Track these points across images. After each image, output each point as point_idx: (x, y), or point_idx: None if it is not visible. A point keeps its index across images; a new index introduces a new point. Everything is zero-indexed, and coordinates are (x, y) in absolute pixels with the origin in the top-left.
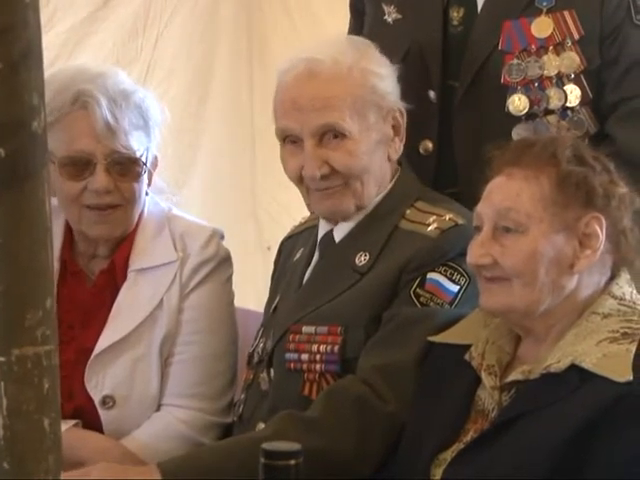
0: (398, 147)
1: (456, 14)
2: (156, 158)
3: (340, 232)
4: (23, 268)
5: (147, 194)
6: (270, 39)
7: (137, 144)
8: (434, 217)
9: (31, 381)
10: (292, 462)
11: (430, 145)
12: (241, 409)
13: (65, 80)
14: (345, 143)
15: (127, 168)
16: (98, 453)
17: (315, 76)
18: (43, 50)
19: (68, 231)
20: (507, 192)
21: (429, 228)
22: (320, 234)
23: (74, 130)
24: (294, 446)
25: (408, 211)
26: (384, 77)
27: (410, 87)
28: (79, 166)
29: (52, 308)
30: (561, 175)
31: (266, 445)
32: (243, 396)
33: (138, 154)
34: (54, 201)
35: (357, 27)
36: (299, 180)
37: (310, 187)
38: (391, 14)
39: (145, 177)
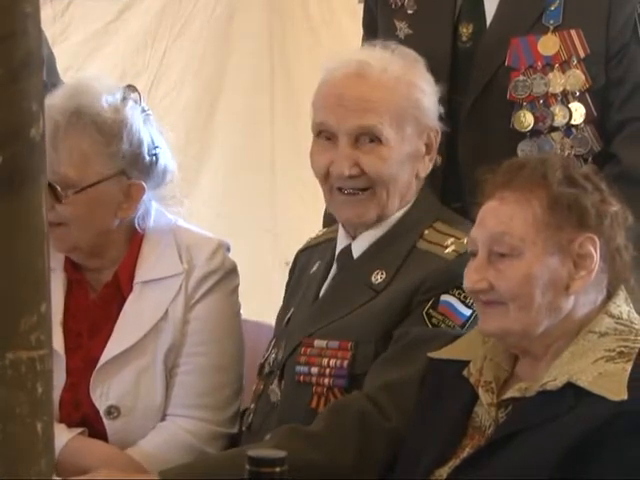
0: (427, 166)
1: (465, 30)
2: (139, 187)
3: (358, 248)
4: (19, 273)
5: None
6: (289, 56)
7: (77, 168)
8: (452, 239)
9: (24, 385)
10: (277, 469)
11: (439, 159)
12: (250, 419)
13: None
14: (379, 149)
15: (59, 193)
16: (103, 461)
17: (364, 78)
18: (56, 60)
19: None
20: (500, 217)
21: (446, 250)
22: (338, 248)
23: None
24: (279, 453)
25: (426, 231)
26: (427, 94)
27: None
28: None
29: (47, 313)
30: (552, 197)
31: (251, 452)
32: (253, 406)
33: (73, 178)
34: None
35: None
36: (325, 177)
37: (334, 186)
38: (402, 30)
39: (80, 200)
